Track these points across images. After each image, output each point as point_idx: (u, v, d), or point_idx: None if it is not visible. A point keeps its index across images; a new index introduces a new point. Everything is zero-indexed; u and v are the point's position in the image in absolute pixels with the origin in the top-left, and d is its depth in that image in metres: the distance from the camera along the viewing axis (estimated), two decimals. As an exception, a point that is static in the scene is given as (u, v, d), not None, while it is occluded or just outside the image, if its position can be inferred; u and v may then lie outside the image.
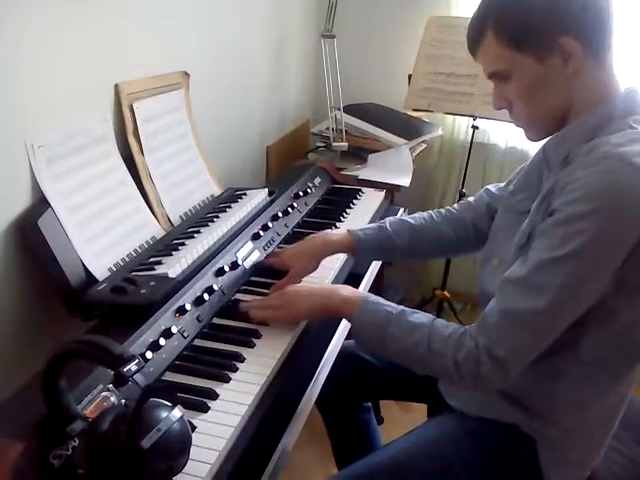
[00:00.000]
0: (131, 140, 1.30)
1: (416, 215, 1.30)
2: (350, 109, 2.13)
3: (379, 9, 2.41)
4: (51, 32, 1.08)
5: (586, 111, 0.95)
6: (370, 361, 1.30)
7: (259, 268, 1.28)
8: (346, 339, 1.18)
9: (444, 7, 2.29)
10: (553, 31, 0.90)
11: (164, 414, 0.73)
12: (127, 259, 1.18)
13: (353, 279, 1.31)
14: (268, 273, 1.27)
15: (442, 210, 1.31)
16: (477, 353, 0.92)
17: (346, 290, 1.09)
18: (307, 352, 1.09)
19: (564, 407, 1.01)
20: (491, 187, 1.30)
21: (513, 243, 1.02)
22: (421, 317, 1.01)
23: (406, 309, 1.02)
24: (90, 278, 1.09)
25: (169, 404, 0.75)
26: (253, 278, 1.26)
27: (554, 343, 0.93)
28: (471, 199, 1.31)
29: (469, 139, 2.17)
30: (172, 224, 1.35)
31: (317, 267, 1.25)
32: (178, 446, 0.73)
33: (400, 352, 1.00)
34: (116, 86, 1.26)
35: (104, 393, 0.83)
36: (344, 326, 1.16)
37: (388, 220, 1.29)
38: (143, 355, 0.92)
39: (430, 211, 1.31)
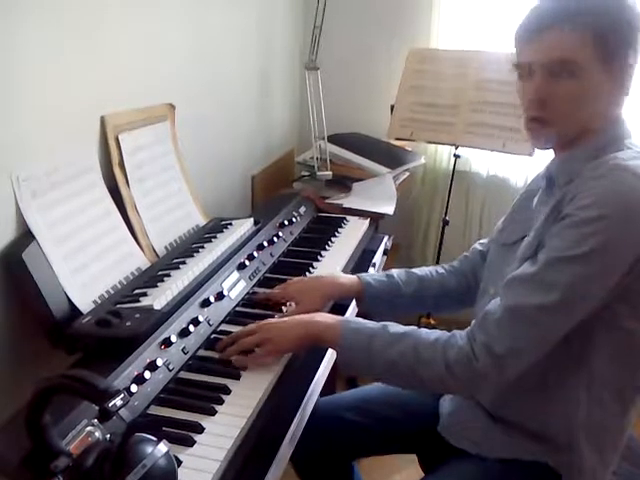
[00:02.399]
0: (117, 171, 1.30)
1: (422, 268, 1.33)
2: (334, 139, 2.16)
3: (361, 41, 2.46)
4: (37, 65, 1.09)
5: (594, 133, 0.99)
6: (350, 419, 1.26)
7: (253, 302, 1.28)
8: (321, 395, 1.15)
9: (424, 39, 2.36)
10: (631, 52, 0.95)
11: (149, 449, 0.72)
12: (112, 291, 1.18)
13: (338, 309, 1.31)
14: (255, 303, 1.27)
15: (445, 265, 1.34)
16: (470, 351, 0.93)
17: (325, 317, 1.09)
18: (293, 382, 1.08)
19: (581, 433, 1.00)
20: (482, 240, 1.34)
21: (515, 260, 1.04)
22: (404, 327, 1.02)
23: (388, 323, 1.03)
24: (74, 311, 1.08)
25: (154, 439, 0.74)
26: (239, 309, 1.26)
27: (566, 365, 0.95)
28: (467, 253, 1.34)
29: (451, 167, 2.20)
30: (157, 255, 1.35)
31: (323, 308, 1.24)
32: (163, 482, 0.73)
33: (387, 366, 0.99)
34: (102, 118, 1.27)
35: (89, 428, 0.82)
36: (330, 354, 1.16)
37: (395, 271, 1.31)
38: (128, 389, 0.91)
39: (434, 266, 1.34)
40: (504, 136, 1.97)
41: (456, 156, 2.15)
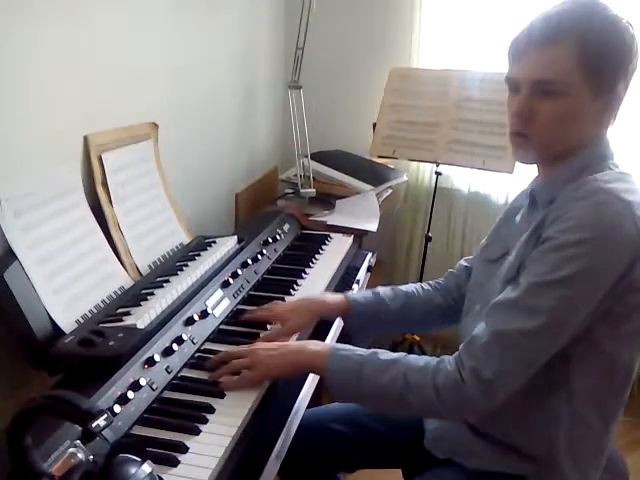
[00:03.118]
0: (100, 190, 1.30)
1: (408, 285, 1.34)
2: (317, 156, 2.18)
3: (344, 61, 2.49)
4: (19, 84, 1.10)
5: (578, 152, 1.00)
6: (335, 429, 1.26)
7: (237, 320, 1.28)
8: (308, 407, 1.15)
9: (405, 59, 2.39)
10: (620, 76, 0.96)
11: (133, 470, 0.72)
12: (95, 310, 1.17)
13: (322, 326, 1.31)
14: (240, 322, 1.27)
15: (430, 282, 1.35)
16: (458, 376, 0.94)
17: (314, 345, 1.10)
18: (278, 401, 1.08)
19: (562, 450, 1.01)
20: (468, 256, 1.35)
21: (498, 277, 1.05)
22: (393, 354, 1.03)
23: (377, 350, 1.04)
24: (57, 331, 1.08)
25: (138, 459, 0.74)
26: (223, 327, 1.26)
27: (547, 383, 0.96)
28: (453, 269, 1.35)
29: (433, 184, 2.23)
30: (141, 274, 1.34)
31: (312, 327, 1.25)
32: (148, 503, 0.72)
33: (377, 393, 1.00)
34: (85, 138, 1.28)
35: (71, 449, 0.81)
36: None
37: (381, 288, 1.32)
38: (111, 409, 0.90)
39: (419, 283, 1.35)
40: (484, 154, 2.00)
41: (438, 173, 2.17)
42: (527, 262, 0.97)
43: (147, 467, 0.73)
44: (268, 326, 1.26)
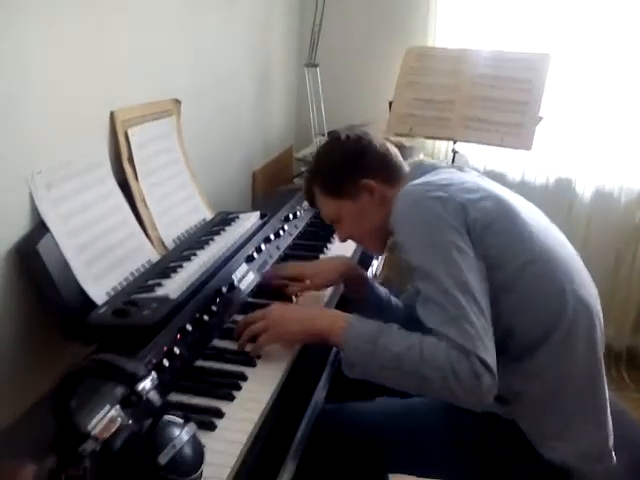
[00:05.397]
0: (126, 166, 1.31)
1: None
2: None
3: (360, 39, 2.49)
4: (50, 62, 1.10)
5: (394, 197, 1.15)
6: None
7: (260, 287, 1.32)
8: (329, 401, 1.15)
9: (421, 38, 2.38)
10: (354, 178, 1.20)
11: (177, 431, 0.74)
12: (124, 283, 1.18)
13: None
14: (266, 294, 1.29)
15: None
16: (459, 347, 0.95)
17: (333, 312, 1.12)
18: (309, 364, 1.11)
19: (526, 379, 1.04)
20: None
21: None
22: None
23: (395, 324, 1.04)
24: (88, 302, 1.09)
25: (181, 421, 0.76)
26: (251, 299, 1.27)
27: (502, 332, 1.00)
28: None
29: (449, 163, 2.23)
30: (166, 248, 1.36)
31: (338, 281, 1.36)
32: (193, 462, 0.74)
33: (392, 361, 0.98)
34: (112, 113, 1.28)
35: (112, 412, 0.83)
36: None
37: None
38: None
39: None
40: (502, 131, 2.00)
41: (454, 152, 2.17)
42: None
43: (190, 428, 0.75)
44: (294, 298, 1.28)
